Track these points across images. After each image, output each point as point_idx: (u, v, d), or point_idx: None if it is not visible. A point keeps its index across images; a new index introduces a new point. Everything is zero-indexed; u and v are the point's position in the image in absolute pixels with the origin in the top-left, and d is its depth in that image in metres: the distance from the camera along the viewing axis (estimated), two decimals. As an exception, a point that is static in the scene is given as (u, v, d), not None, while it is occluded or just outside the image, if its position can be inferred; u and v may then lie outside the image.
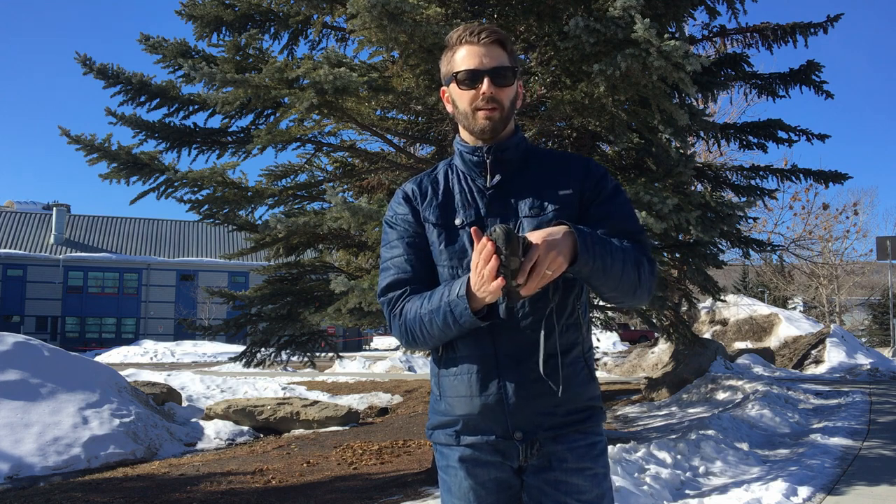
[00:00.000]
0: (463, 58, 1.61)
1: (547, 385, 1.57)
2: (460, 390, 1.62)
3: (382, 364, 21.77)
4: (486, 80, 1.58)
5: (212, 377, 17.47)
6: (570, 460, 1.59)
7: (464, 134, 1.69)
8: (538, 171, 1.67)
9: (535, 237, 1.41)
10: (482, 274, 1.40)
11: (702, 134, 8.10)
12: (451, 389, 1.64)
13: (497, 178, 1.64)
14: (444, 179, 1.71)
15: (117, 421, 10.05)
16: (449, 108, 1.70)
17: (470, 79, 1.60)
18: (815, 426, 8.55)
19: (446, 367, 1.65)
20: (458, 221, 1.63)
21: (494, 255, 1.38)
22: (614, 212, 1.62)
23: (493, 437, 1.60)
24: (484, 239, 1.39)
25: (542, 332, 1.55)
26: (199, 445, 11.12)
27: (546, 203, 1.61)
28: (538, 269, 1.38)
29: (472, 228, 1.43)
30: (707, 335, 22.16)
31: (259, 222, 7.23)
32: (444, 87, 1.70)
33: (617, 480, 4.72)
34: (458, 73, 1.61)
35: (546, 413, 1.58)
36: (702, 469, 5.97)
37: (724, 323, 23.86)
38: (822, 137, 8.29)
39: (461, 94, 1.62)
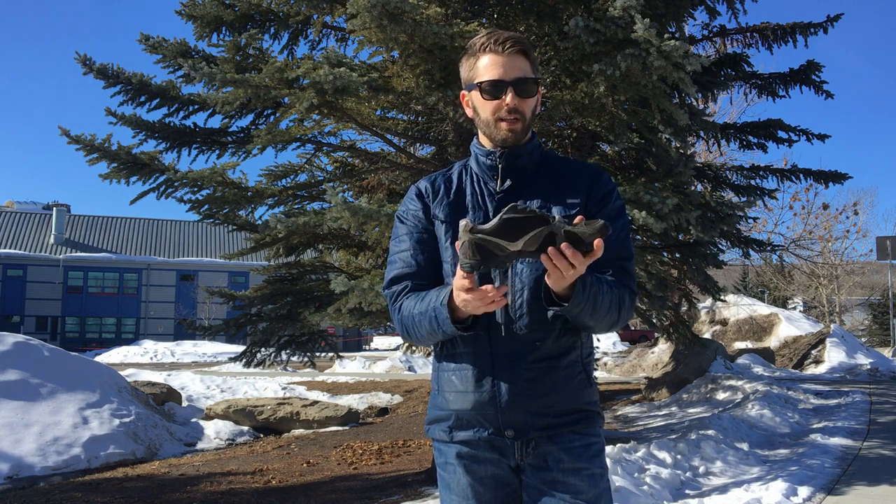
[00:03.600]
0: (486, 67, 1.61)
1: (540, 386, 1.59)
2: (456, 385, 1.64)
3: (382, 364, 21.75)
4: (510, 92, 1.59)
5: (212, 377, 17.46)
6: (565, 461, 1.60)
7: (482, 137, 1.71)
8: (549, 179, 1.68)
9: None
10: (464, 297, 1.44)
11: (702, 134, 8.10)
12: (448, 384, 1.66)
13: (508, 183, 1.66)
14: (457, 179, 1.74)
15: (117, 421, 10.04)
16: (468, 112, 1.71)
17: (494, 89, 1.60)
18: (815, 426, 8.55)
19: (446, 362, 1.68)
20: None
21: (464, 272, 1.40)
22: (610, 234, 1.62)
23: (486, 434, 1.62)
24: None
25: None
26: (199, 445, 11.11)
27: (553, 209, 1.63)
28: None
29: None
30: (707, 335, 22.15)
31: (259, 222, 7.23)
32: (463, 92, 1.71)
33: (617, 480, 4.72)
34: (482, 83, 1.61)
35: (538, 413, 1.60)
36: (702, 469, 5.97)
37: (724, 323, 23.85)
38: (822, 137, 8.28)
39: (484, 104, 1.63)
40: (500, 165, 1.66)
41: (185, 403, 13.72)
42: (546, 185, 1.67)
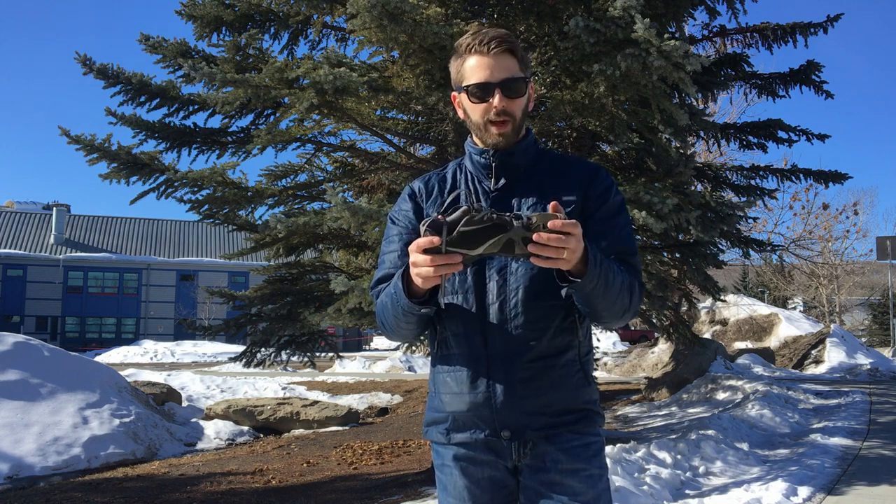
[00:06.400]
0: (472, 69, 1.59)
1: (536, 386, 1.57)
2: (452, 387, 1.63)
3: (382, 364, 21.76)
4: (497, 94, 1.57)
5: (212, 377, 17.46)
6: (563, 461, 1.59)
7: (475, 137, 1.69)
8: (545, 176, 1.66)
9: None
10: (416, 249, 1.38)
11: (702, 134, 8.10)
12: (444, 386, 1.65)
13: (502, 181, 1.64)
14: (451, 178, 1.72)
15: (117, 421, 10.04)
16: (460, 113, 1.69)
17: (481, 92, 1.58)
18: (815, 426, 8.55)
19: (441, 364, 1.66)
20: None
21: (428, 236, 1.33)
22: (612, 230, 1.60)
23: (483, 435, 1.60)
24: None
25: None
26: (199, 445, 11.11)
27: (548, 206, 1.61)
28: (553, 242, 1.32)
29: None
30: (707, 335, 22.15)
31: (259, 222, 7.23)
32: (454, 93, 1.69)
33: (617, 480, 4.72)
34: (468, 86, 1.59)
35: (534, 413, 1.58)
36: (702, 469, 5.97)
37: (724, 323, 23.85)
38: (822, 137, 8.28)
39: (473, 107, 1.61)
40: (493, 164, 1.64)
41: (185, 403, 13.72)
42: (542, 182, 1.64)
